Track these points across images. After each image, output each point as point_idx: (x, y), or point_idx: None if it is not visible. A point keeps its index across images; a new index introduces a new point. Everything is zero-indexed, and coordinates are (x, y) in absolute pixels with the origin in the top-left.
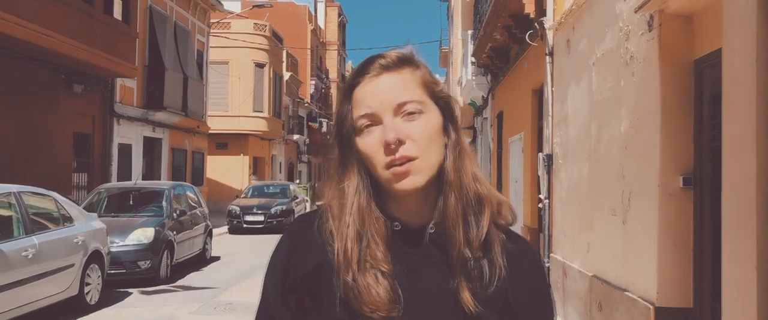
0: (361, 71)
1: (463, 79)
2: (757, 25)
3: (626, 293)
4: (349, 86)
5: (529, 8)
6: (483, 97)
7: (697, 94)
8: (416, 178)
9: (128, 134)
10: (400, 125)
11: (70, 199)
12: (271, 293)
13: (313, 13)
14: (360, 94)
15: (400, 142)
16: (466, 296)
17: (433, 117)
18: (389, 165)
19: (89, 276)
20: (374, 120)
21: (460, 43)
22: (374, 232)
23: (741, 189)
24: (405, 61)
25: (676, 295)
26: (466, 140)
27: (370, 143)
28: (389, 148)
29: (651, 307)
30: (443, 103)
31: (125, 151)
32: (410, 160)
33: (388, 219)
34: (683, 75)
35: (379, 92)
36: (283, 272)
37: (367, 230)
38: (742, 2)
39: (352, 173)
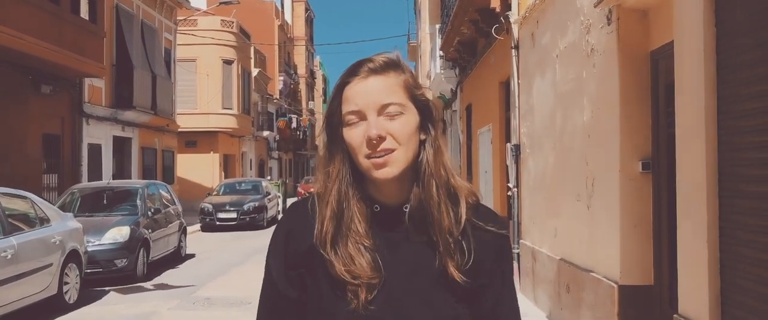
0: (352, 72)
1: (431, 73)
2: (704, 19)
3: (592, 274)
4: (340, 84)
5: (495, 3)
6: (452, 89)
7: (653, 83)
8: (392, 169)
9: (98, 134)
10: (382, 123)
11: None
12: (275, 274)
13: (279, 8)
14: (349, 93)
15: (381, 138)
16: (453, 271)
17: (411, 117)
18: (369, 156)
19: (67, 275)
20: (360, 116)
21: (428, 37)
22: (356, 212)
23: (693, 171)
24: (391, 66)
25: (638, 273)
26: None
27: (354, 135)
28: (371, 143)
29: (615, 286)
30: (422, 105)
31: (95, 151)
32: (388, 152)
33: (369, 202)
34: (640, 66)
35: (366, 93)
36: (284, 255)
37: (347, 210)
38: None
39: (336, 160)
